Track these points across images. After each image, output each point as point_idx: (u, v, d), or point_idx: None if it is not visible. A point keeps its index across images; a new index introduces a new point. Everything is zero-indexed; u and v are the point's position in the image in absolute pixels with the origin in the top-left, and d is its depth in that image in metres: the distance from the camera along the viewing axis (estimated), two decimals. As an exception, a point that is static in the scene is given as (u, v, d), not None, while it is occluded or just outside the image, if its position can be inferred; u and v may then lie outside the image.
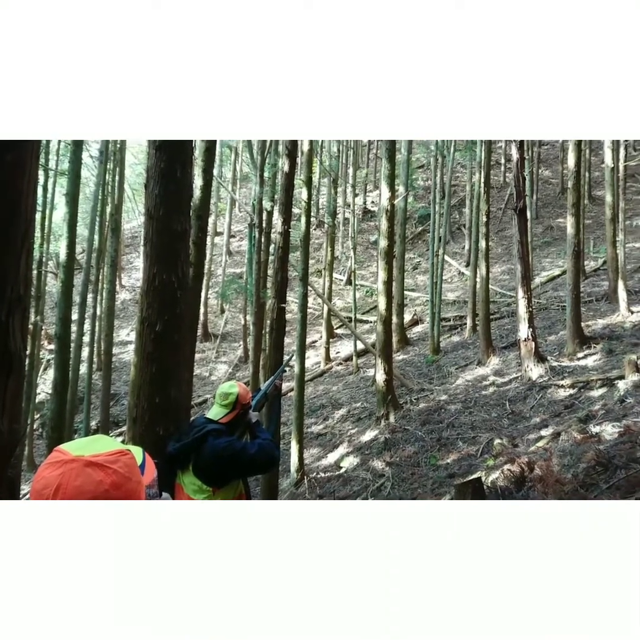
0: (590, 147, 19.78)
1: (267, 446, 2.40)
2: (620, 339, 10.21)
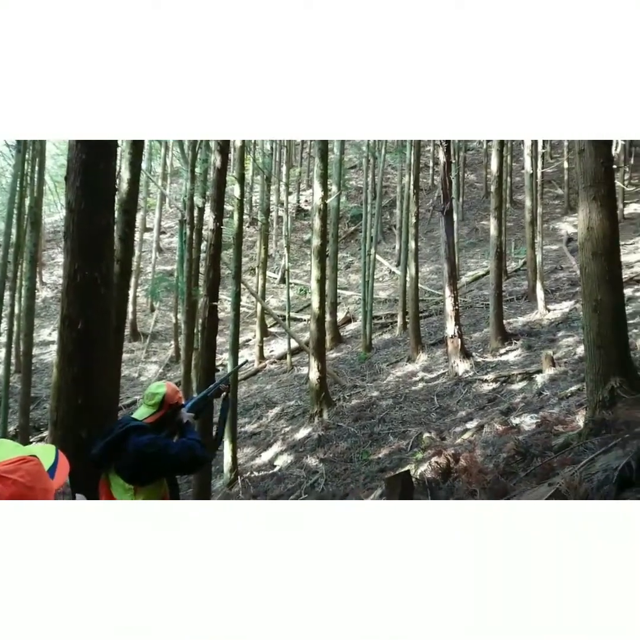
0: (512, 154, 20.85)
1: (192, 446, 2.36)
2: (539, 336, 10.85)
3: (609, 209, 4.22)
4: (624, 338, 4.27)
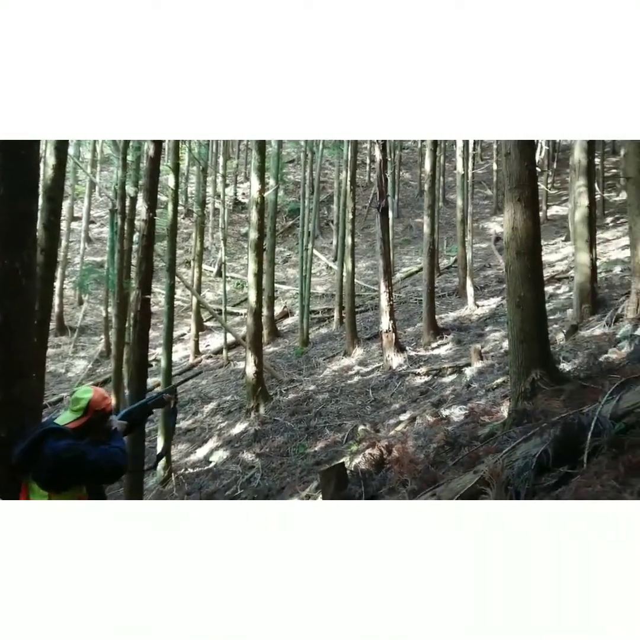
0: (445, 154, 21.53)
1: (113, 453, 2.29)
2: (468, 330, 11.30)
3: (532, 210, 4.45)
4: (545, 333, 4.54)
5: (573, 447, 2.65)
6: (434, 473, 3.92)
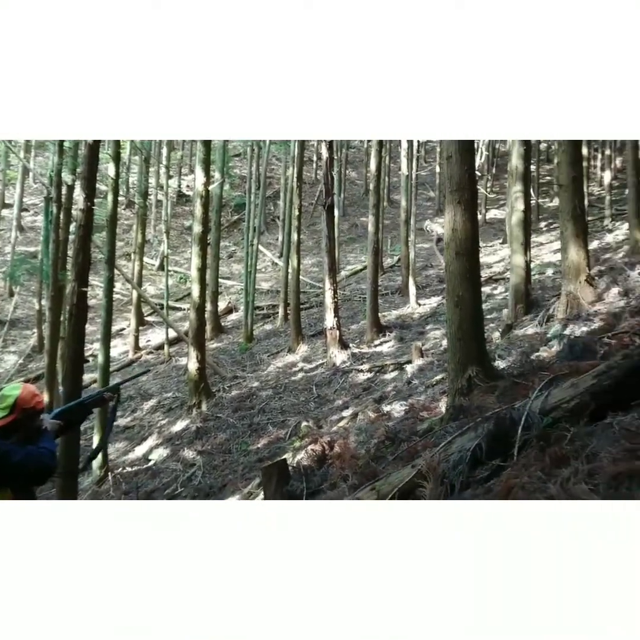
0: (390, 155, 21.89)
1: (41, 454, 2.19)
2: (410, 328, 11.56)
3: (471, 212, 4.61)
4: (481, 332, 4.71)
5: (505, 440, 2.77)
6: (374, 468, 3.99)
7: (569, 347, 4.14)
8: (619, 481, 1.63)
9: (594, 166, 21.87)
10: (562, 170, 7.40)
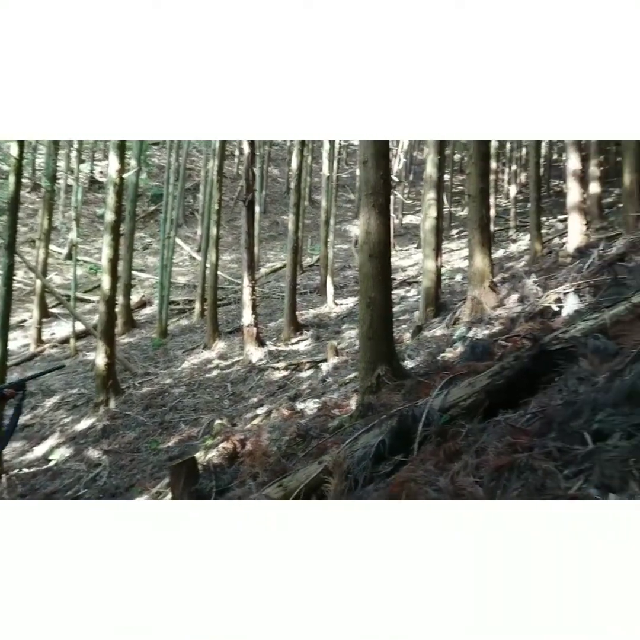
0: (313, 155, 22.08)
1: None
2: (326, 327, 11.75)
3: (385, 216, 4.77)
4: (391, 332, 4.89)
5: (407, 437, 2.90)
6: (284, 465, 4.03)
7: (470, 349, 4.39)
8: (500, 473, 1.77)
9: (502, 179, 23.32)
10: (471, 181, 7.83)
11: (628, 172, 8.08)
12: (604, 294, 4.23)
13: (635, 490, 1.38)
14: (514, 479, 1.70)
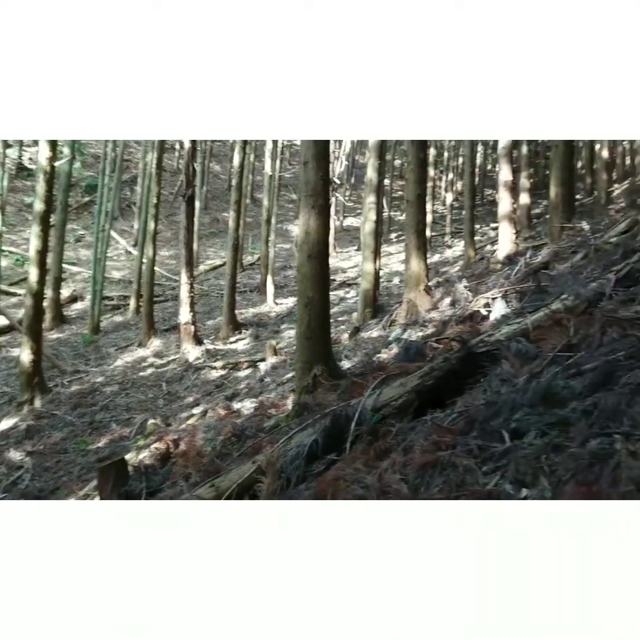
0: (255, 153, 21.92)
1: None
2: (266, 327, 11.71)
3: (324, 217, 4.82)
4: (328, 332, 4.96)
5: (340, 436, 2.95)
6: (218, 464, 3.99)
7: (404, 350, 4.52)
8: (424, 470, 1.85)
9: (440, 187, 24.09)
10: (409, 187, 8.05)
11: (554, 185, 8.57)
12: (528, 300, 4.47)
13: (545, 486, 1.48)
14: (436, 475, 1.78)
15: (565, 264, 5.51)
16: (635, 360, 1.93)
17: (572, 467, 1.39)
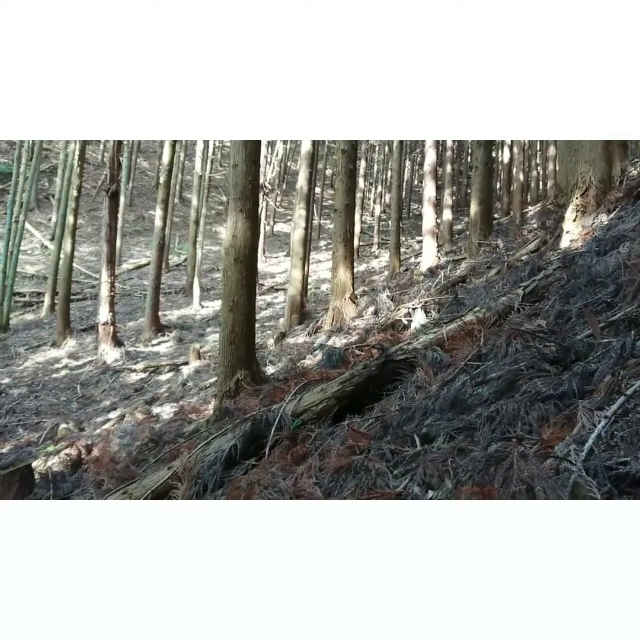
0: (186, 152, 21.46)
1: None
2: (190, 329, 11.46)
3: (252, 221, 4.80)
4: (252, 336, 4.93)
5: (259, 441, 2.95)
6: (133, 471, 3.85)
7: (327, 356, 4.58)
8: (339, 474, 1.89)
9: (369, 198, 24.70)
10: (338, 197, 8.20)
11: (474, 203, 9.04)
12: (445, 311, 4.68)
13: (448, 487, 1.56)
14: (350, 478, 1.82)
15: (481, 278, 5.82)
16: (534, 370, 2.09)
17: (471, 469, 1.48)
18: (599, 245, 3.64)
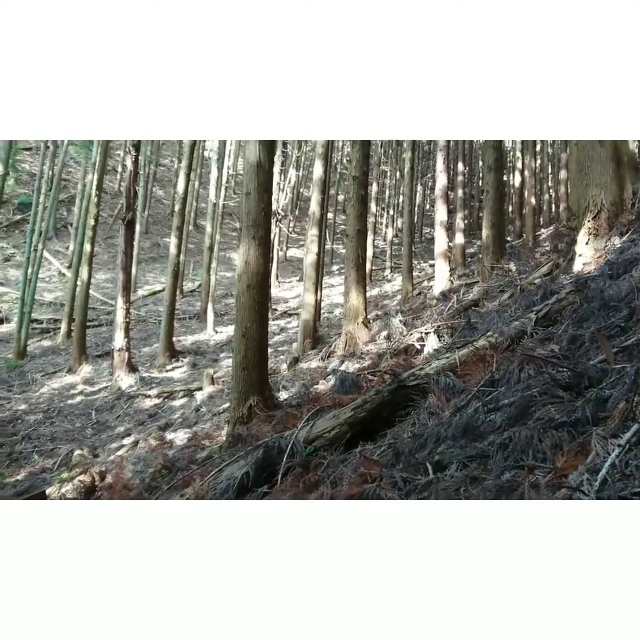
0: (200, 180, 21.89)
1: None
2: (204, 355, 11.51)
3: (265, 248, 4.86)
4: (265, 362, 4.94)
5: (272, 468, 2.93)
6: (146, 498, 3.84)
7: (340, 382, 4.57)
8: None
9: (381, 222, 24.87)
10: (350, 222, 8.28)
11: (485, 227, 9.06)
12: (458, 335, 4.67)
13: (461, 517, 1.54)
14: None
15: (494, 302, 5.80)
16: (547, 397, 2.06)
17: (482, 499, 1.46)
18: (612, 268, 3.63)
